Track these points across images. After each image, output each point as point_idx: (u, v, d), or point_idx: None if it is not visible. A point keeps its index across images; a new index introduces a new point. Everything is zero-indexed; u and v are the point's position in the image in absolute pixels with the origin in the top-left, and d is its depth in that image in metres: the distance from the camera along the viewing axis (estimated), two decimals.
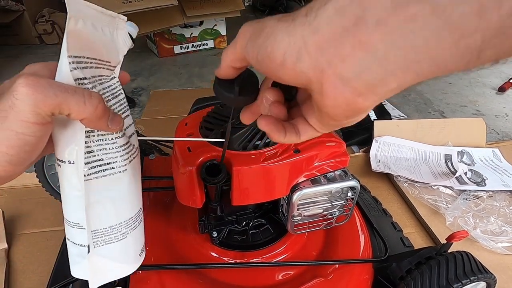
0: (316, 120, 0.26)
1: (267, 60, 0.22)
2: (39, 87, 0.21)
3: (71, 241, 0.31)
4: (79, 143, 0.25)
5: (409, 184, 0.89)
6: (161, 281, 0.48)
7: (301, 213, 0.47)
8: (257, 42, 0.22)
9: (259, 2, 3.35)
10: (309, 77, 0.20)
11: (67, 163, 0.26)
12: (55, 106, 0.21)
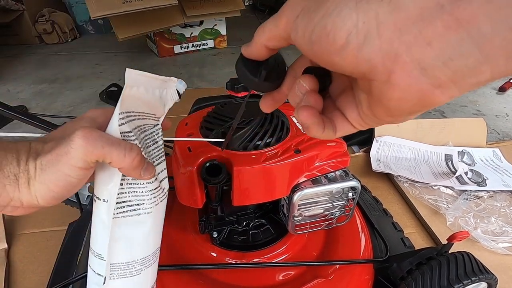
0: (358, 116, 0.23)
1: (324, 41, 0.18)
2: (91, 139, 0.24)
3: (91, 268, 0.32)
4: (114, 186, 0.28)
5: (409, 184, 0.89)
6: (161, 281, 0.48)
7: (301, 213, 0.46)
8: (312, 18, 0.19)
9: (259, 2, 3.35)
10: (373, 64, 0.17)
11: (101, 201, 0.28)
12: (100, 156, 0.25)
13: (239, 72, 0.27)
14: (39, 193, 0.24)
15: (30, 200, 0.24)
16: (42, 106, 1.46)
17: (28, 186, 0.23)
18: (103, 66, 1.94)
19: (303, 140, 0.46)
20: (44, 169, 0.24)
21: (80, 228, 0.65)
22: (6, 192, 0.23)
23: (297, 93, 0.25)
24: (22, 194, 0.23)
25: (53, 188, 0.24)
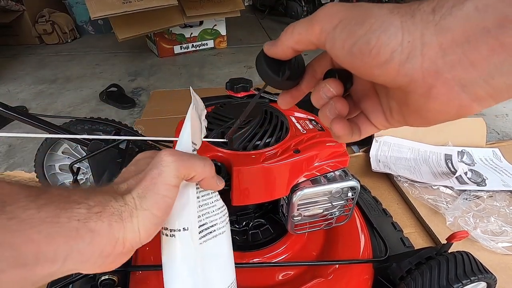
0: (384, 120, 0.24)
1: (366, 54, 0.19)
2: (177, 156, 0.25)
3: None
4: (193, 210, 0.28)
5: (409, 184, 0.89)
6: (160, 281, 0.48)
7: (301, 213, 0.46)
8: (354, 32, 0.19)
9: (259, 2, 3.35)
10: (413, 78, 0.18)
11: (182, 231, 0.27)
12: (188, 168, 0.26)
13: (261, 70, 0.27)
14: (142, 222, 0.23)
15: (133, 236, 0.23)
16: (42, 106, 1.46)
17: (131, 219, 0.23)
18: (103, 66, 1.94)
19: (302, 140, 0.46)
20: (144, 196, 0.24)
21: None
22: (112, 232, 0.22)
23: (322, 96, 0.25)
24: (127, 231, 0.23)
25: (156, 213, 0.24)
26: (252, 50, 2.20)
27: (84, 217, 0.20)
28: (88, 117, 0.75)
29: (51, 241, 0.18)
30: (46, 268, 0.18)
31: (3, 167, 1.02)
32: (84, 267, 0.21)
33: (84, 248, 0.20)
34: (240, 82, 0.57)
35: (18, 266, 0.17)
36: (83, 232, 0.20)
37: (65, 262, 0.19)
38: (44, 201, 0.19)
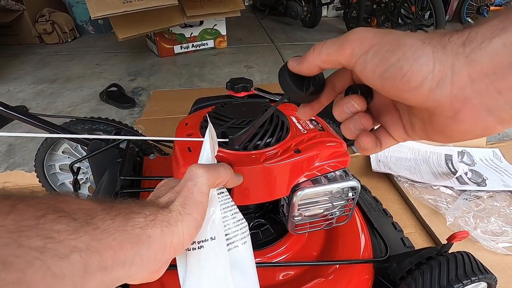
0: (404, 134, 0.26)
1: (397, 80, 0.21)
2: (206, 168, 0.29)
3: None
4: (218, 221, 0.30)
5: (409, 184, 0.89)
6: (161, 281, 0.48)
7: (301, 213, 0.46)
8: (387, 58, 0.21)
9: (259, 2, 3.35)
10: (441, 103, 0.20)
11: (210, 240, 0.29)
12: (215, 177, 0.30)
13: (285, 85, 0.28)
14: (186, 226, 0.26)
15: (178, 240, 0.25)
16: (42, 106, 1.46)
17: (177, 223, 0.25)
18: (103, 66, 1.94)
19: (302, 140, 0.46)
20: (185, 203, 0.27)
21: None
22: (164, 238, 0.24)
23: (345, 111, 0.27)
24: (174, 236, 0.25)
25: (196, 216, 0.27)
26: (252, 50, 2.20)
27: (143, 225, 0.23)
28: (88, 117, 0.75)
29: (123, 247, 0.21)
30: (118, 272, 0.21)
31: (3, 167, 1.02)
32: (140, 271, 0.23)
33: (144, 253, 0.23)
34: (241, 82, 0.57)
35: (101, 270, 0.19)
36: (144, 238, 0.23)
37: (131, 266, 0.22)
38: (115, 213, 0.22)
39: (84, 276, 0.18)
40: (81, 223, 0.19)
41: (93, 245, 0.19)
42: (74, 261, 0.18)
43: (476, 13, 2.72)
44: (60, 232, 0.18)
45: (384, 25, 2.21)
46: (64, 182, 0.80)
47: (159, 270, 0.26)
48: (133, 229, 0.22)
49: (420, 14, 1.86)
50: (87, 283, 0.19)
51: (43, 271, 0.16)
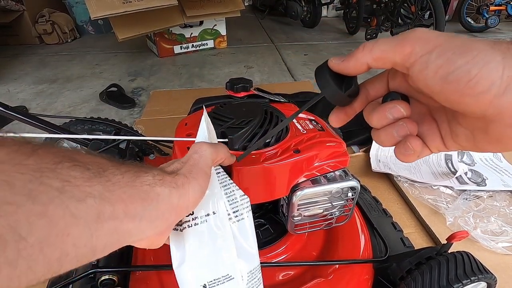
0: (441, 144, 0.26)
1: (462, 84, 0.20)
2: (209, 144, 0.32)
3: None
4: (219, 196, 0.31)
5: (409, 184, 0.89)
6: (161, 281, 0.48)
7: (301, 213, 0.46)
8: (453, 61, 0.20)
9: (259, 2, 3.35)
10: (504, 110, 0.20)
11: (211, 215, 0.30)
12: (217, 154, 0.32)
13: (323, 83, 0.27)
14: (192, 189, 0.27)
15: (184, 202, 0.26)
16: (42, 106, 1.46)
17: (183, 186, 0.26)
18: (103, 66, 1.94)
19: (302, 140, 0.46)
20: (192, 170, 0.28)
21: None
22: (171, 198, 0.25)
23: (388, 117, 0.26)
24: (181, 198, 0.26)
25: (202, 183, 0.28)
26: (252, 50, 2.20)
27: (151, 183, 0.24)
28: (88, 117, 0.75)
29: (133, 201, 0.22)
30: (129, 224, 0.21)
31: None
32: (149, 229, 0.24)
33: (152, 210, 0.23)
34: (240, 82, 0.57)
35: (113, 219, 0.20)
36: (152, 195, 0.23)
37: (140, 221, 0.22)
38: (124, 170, 0.22)
39: (97, 222, 0.19)
40: (94, 174, 0.20)
41: (106, 195, 0.20)
42: (89, 206, 0.19)
43: (476, 13, 2.72)
44: (76, 178, 0.19)
45: (384, 25, 2.21)
46: None
47: (164, 232, 0.27)
48: (142, 186, 0.23)
49: (420, 14, 1.86)
50: (100, 229, 0.19)
51: (63, 209, 0.17)
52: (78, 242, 0.18)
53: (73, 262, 0.18)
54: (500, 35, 2.63)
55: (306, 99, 1.36)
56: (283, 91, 1.42)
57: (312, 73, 1.68)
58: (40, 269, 0.16)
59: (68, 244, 0.17)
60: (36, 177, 0.17)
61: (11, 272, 0.15)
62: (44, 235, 0.16)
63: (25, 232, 0.15)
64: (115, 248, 0.22)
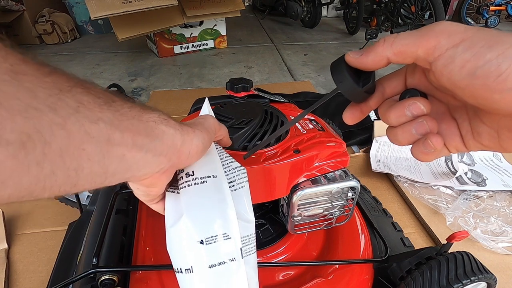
0: (460, 144, 0.25)
1: (491, 78, 0.19)
2: (214, 118, 0.33)
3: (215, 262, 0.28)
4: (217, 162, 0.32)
5: (409, 184, 0.89)
6: (161, 281, 0.48)
7: (301, 213, 0.46)
8: (483, 54, 0.20)
9: (259, 2, 3.35)
10: None
11: (212, 177, 0.31)
12: (219, 128, 0.33)
13: (340, 77, 0.26)
14: (196, 139, 0.28)
15: (187, 148, 0.27)
16: None
17: (188, 134, 0.27)
18: (103, 66, 1.94)
19: (302, 140, 0.46)
20: (197, 126, 0.29)
21: (80, 228, 0.65)
22: (175, 139, 0.26)
23: (406, 114, 0.25)
24: (184, 142, 0.27)
25: (205, 136, 0.29)
26: (252, 50, 2.20)
27: (157, 120, 0.25)
28: None
29: (140, 133, 0.22)
30: (137, 154, 0.22)
31: None
32: (155, 163, 0.24)
33: (157, 145, 0.24)
34: (240, 82, 0.57)
35: (121, 145, 0.21)
36: (158, 131, 0.24)
37: (146, 153, 0.23)
38: (131, 105, 0.23)
39: (108, 145, 0.20)
40: (104, 102, 0.21)
41: (115, 122, 0.21)
42: (100, 128, 0.19)
43: (476, 13, 2.72)
44: (89, 102, 0.19)
45: (384, 25, 2.21)
46: None
47: (165, 174, 0.27)
48: (148, 122, 0.24)
49: (420, 14, 1.86)
50: (110, 152, 0.20)
51: (78, 126, 0.18)
52: (92, 158, 0.19)
53: (88, 180, 0.20)
54: None
55: (306, 99, 1.36)
56: (283, 91, 1.42)
57: (312, 73, 1.68)
58: (60, 176, 0.18)
59: (83, 158, 0.18)
60: (55, 93, 0.17)
61: (38, 173, 0.16)
62: (63, 144, 0.17)
63: (49, 137, 0.16)
64: (124, 177, 0.23)
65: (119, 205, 0.53)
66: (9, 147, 0.15)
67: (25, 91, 0.16)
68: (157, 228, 0.57)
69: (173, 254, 0.28)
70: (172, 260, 0.29)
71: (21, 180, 0.16)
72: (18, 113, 0.15)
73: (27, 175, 0.16)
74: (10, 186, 0.16)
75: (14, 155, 0.15)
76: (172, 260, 0.29)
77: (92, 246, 0.48)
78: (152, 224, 0.57)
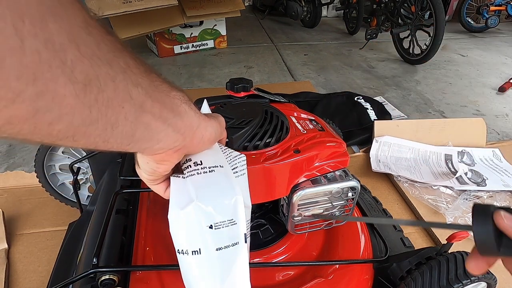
0: None
1: None
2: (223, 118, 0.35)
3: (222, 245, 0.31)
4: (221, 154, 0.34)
5: (409, 184, 0.89)
6: (161, 281, 0.48)
7: (301, 213, 0.46)
8: None
9: (259, 2, 3.35)
10: None
11: (219, 167, 0.32)
12: (224, 129, 0.34)
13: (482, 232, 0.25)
14: (211, 126, 0.30)
15: (201, 132, 0.29)
16: None
17: (205, 121, 0.29)
18: None
19: (302, 140, 0.46)
20: (212, 118, 0.31)
21: (80, 228, 0.65)
22: (193, 121, 0.27)
23: None
24: (200, 126, 0.28)
25: (217, 129, 0.31)
26: (252, 50, 2.20)
27: (182, 99, 0.26)
28: None
29: (166, 106, 0.24)
30: (160, 125, 0.24)
31: (3, 167, 1.02)
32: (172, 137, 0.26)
33: (178, 122, 0.26)
34: (241, 82, 0.57)
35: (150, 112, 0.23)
36: (181, 109, 0.26)
37: (169, 126, 0.25)
38: (162, 79, 0.25)
39: (140, 109, 0.21)
40: (145, 71, 0.22)
41: (149, 91, 0.22)
42: (139, 92, 0.21)
43: (476, 13, 2.72)
44: (133, 67, 0.21)
45: (384, 25, 2.21)
46: (64, 182, 0.80)
47: (177, 153, 0.28)
48: (174, 99, 0.25)
49: (420, 14, 1.86)
50: (140, 116, 0.22)
51: (125, 84, 0.20)
52: (127, 117, 0.21)
53: (118, 140, 0.21)
54: (500, 35, 2.63)
55: (306, 99, 1.36)
56: (283, 91, 1.42)
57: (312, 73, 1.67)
58: (100, 126, 0.19)
59: (121, 115, 0.20)
60: (112, 50, 0.19)
61: (87, 116, 0.18)
62: (111, 96, 0.19)
63: (103, 86, 0.18)
64: (144, 146, 0.25)
65: (119, 205, 0.53)
66: (75, 85, 0.16)
67: (94, 42, 0.18)
68: (157, 228, 0.57)
69: (179, 236, 0.30)
70: (175, 242, 0.30)
71: (73, 119, 0.17)
72: (86, 57, 0.17)
73: (80, 116, 0.17)
74: (64, 122, 0.17)
75: (77, 94, 0.17)
76: (175, 242, 0.30)
77: (92, 246, 0.48)
78: (152, 224, 0.57)
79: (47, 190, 0.76)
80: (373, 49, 2.22)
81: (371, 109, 1.28)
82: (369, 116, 1.24)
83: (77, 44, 0.16)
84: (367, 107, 1.28)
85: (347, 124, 1.19)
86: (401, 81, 1.72)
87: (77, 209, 0.73)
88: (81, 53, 0.16)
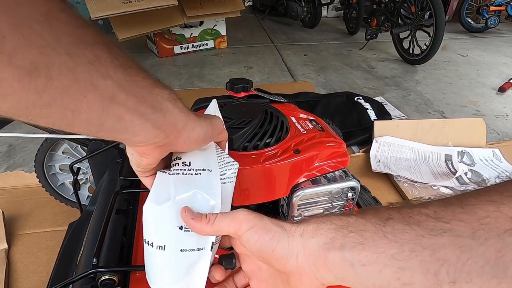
0: None
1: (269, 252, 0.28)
2: (222, 121, 0.35)
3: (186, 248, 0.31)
4: (214, 158, 0.34)
5: (409, 184, 0.89)
6: None
7: (301, 213, 0.47)
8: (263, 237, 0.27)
9: (259, 2, 3.35)
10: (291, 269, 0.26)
11: (207, 171, 0.32)
12: (222, 130, 0.35)
13: None
14: (200, 127, 0.29)
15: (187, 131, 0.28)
16: None
17: (194, 121, 0.29)
18: None
19: (302, 140, 0.46)
20: (205, 118, 0.31)
21: (80, 228, 0.65)
22: (177, 119, 0.27)
23: None
24: (187, 126, 0.28)
25: (209, 128, 0.31)
26: (252, 50, 2.20)
27: (165, 97, 0.26)
28: None
29: (144, 102, 0.24)
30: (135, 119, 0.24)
31: (3, 167, 1.02)
32: (151, 133, 0.26)
33: (158, 119, 0.25)
34: (241, 82, 0.57)
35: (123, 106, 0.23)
36: (163, 106, 0.26)
37: (145, 121, 0.25)
38: (146, 75, 0.25)
39: (110, 101, 0.22)
40: (121, 65, 0.23)
41: (124, 84, 0.22)
42: (108, 85, 0.21)
43: (476, 14, 2.72)
44: (106, 60, 0.21)
45: (384, 25, 2.21)
46: (64, 182, 0.80)
47: (159, 149, 0.28)
48: (156, 95, 0.25)
49: (420, 14, 1.86)
50: (110, 108, 0.22)
51: (87, 76, 0.20)
52: (91, 107, 0.21)
53: (83, 125, 0.22)
54: (500, 35, 2.64)
55: (306, 99, 1.36)
56: (283, 91, 1.42)
57: (312, 73, 1.67)
58: (57, 111, 0.20)
59: (82, 104, 0.20)
60: (77, 42, 0.20)
61: (36, 100, 0.19)
62: (67, 85, 0.19)
63: (55, 75, 0.19)
64: (120, 137, 0.25)
65: (119, 205, 0.53)
66: (16, 70, 0.17)
67: (50, 33, 0.18)
68: None
69: (149, 227, 0.30)
70: (144, 231, 0.31)
71: (19, 100, 0.18)
72: (35, 47, 0.18)
73: (26, 98, 0.18)
74: (9, 102, 0.18)
75: (19, 78, 0.17)
76: (144, 231, 0.31)
77: (92, 246, 0.48)
78: None
79: (47, 190, 0.76)
80: (373, 49, 2.22)
81: (371, 109, 1.28)
82: (369, 116, 1.24)
83: (22, 33, 0.17)
84: (367, 107, 1.28)
85: (347, 124, 1.19)
86: (401, 81, 1.72)
87: (77, 209, 0.73)
88: (27, 43, 0.17)
